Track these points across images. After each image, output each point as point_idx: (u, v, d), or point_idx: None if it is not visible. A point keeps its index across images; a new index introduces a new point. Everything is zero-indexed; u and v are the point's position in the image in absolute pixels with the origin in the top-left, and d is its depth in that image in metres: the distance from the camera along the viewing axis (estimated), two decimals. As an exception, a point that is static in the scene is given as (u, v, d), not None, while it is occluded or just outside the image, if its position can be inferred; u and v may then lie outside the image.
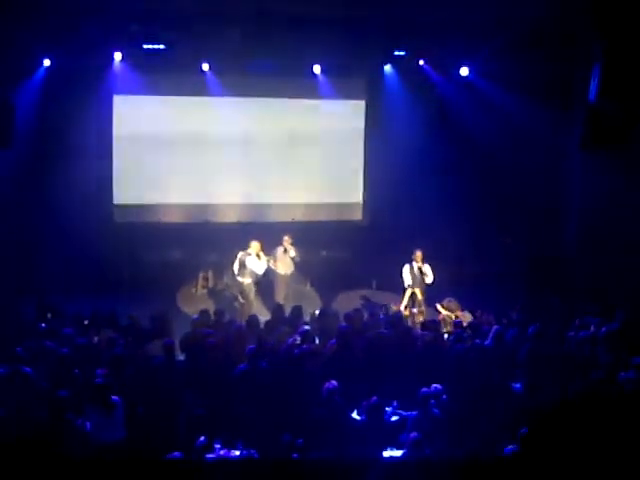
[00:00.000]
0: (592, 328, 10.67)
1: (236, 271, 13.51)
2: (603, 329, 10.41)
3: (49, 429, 7.72)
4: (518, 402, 8.93)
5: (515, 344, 10.30)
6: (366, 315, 12.05)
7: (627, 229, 13.42)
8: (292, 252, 13.93)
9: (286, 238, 13.97)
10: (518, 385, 9.36)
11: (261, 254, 13.40)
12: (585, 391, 8.43)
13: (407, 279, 13.36)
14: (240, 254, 13.41)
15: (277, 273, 14.02)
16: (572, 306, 12.27)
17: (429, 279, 13.25)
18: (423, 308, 13.26)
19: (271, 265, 13.79)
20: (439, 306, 13.06)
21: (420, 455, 7.19)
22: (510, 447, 7.38)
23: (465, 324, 11.60)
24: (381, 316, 12.20)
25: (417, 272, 13.26)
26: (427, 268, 13.28)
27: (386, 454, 7.76)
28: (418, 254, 13.30)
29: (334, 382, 8.50)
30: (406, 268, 13.37)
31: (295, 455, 7.42)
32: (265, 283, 14.16)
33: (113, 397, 8.21)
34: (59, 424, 7.81)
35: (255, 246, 13.36)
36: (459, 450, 7.79)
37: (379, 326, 11.20)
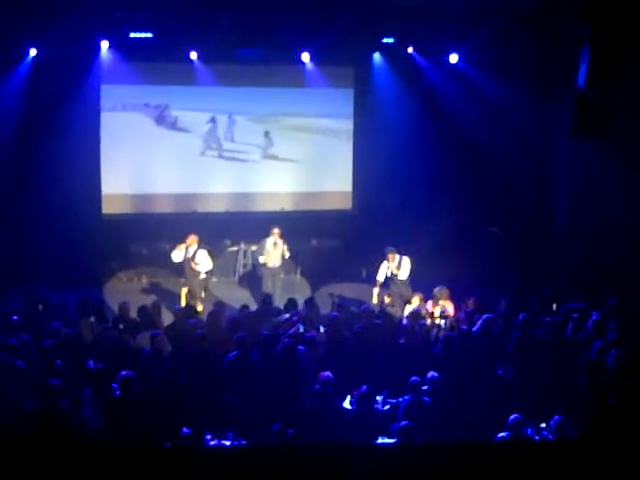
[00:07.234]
0: (578, 315, 10.63)
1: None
2: (594, 316, 10.41)
3: (44, 419, 7.64)
4: (507, 390, 8.93)
5: (503, 332, 10.30)
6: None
7: (618, 216, 13.38)
8: (285, 250, 13.72)
9: (276, 231, 13.65)
10: (507, 373, 9.35)
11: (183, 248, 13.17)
12: None
13: (380, 275, 12.96)
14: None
15: (264, 266, 13.79)
16: (561, 293, 12.26)
17: (402, 275, 12.89)
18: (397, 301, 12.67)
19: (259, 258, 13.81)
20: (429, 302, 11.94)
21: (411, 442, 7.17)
22: (501, 434, 7.38)
23: (451, 313, 11.49)
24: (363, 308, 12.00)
25: (390, 273, 12.89)
26: (405, 262, 12.91)
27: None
28: (390, 256, 12.87)
29: (328, 373, 8.45)
30: (384, 265, 12.97)
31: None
32: (251, 274, 14.19)
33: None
34: (53, 413, 7.72)
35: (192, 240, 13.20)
36: (449, 437, 7.78)
37: (370, 316, 11.13)
